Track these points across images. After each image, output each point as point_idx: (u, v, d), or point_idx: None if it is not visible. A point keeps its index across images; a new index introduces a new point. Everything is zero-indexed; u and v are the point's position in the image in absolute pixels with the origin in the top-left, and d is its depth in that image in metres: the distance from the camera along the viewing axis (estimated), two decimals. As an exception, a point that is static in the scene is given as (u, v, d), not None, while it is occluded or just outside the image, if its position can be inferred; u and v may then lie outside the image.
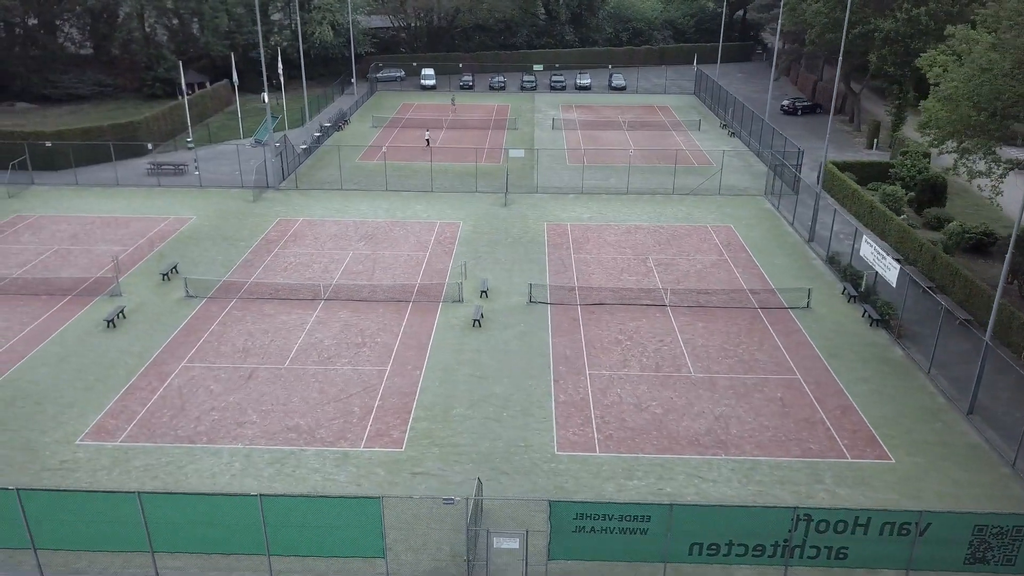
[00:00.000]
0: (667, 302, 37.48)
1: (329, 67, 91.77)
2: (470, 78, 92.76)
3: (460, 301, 37.52)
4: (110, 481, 24.96)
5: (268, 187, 54.35)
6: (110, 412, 28.69)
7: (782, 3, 70.33)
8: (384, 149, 61.34)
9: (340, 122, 72.23)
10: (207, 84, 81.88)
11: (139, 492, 20.06)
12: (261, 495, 19.94)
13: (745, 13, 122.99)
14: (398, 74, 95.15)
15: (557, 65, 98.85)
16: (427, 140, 66.82)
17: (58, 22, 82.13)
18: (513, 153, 54.16)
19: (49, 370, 31.43)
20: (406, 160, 60.80)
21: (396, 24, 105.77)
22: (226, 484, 24.81)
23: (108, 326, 34.81)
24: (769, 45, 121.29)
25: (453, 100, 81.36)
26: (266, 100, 55.81)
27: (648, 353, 33.02)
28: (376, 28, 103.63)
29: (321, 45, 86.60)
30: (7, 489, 20.12)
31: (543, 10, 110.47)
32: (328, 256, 42.95)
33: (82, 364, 31.88)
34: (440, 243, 44.93)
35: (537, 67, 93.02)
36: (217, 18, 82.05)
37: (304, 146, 61.66)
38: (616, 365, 32.08)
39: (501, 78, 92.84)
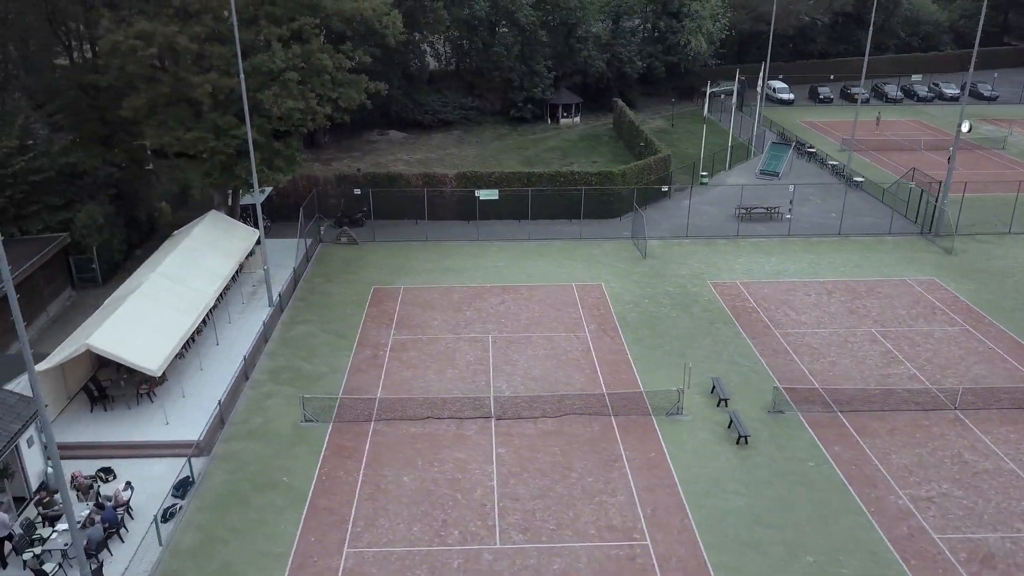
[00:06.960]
0: None
1: (689, 81, 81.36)
2: (828, 89, 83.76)
3: None
4: None
5: (922, 234, 45.29)
6: None
7: None
8: None
9: (805, 147, 63.02)
10: (578, 107, 72.13)
11: None
12: None
13: (1007, 17, 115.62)
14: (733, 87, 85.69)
15: (929, 76, 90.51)
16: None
17: (426, 34, 71.04)
18: None
19: None
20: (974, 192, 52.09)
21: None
22: None
23: None
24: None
25: (879, 116, 72.34)
26: (965, 128, 46.98)
27: None
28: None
29: (694, 57, 77.03)
30: None
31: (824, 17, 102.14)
32: None
33: None
34: None
35: (916, 77, 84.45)
36: (595, 28, 72.14)
37: (860, 179, 52.64)
38: None
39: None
